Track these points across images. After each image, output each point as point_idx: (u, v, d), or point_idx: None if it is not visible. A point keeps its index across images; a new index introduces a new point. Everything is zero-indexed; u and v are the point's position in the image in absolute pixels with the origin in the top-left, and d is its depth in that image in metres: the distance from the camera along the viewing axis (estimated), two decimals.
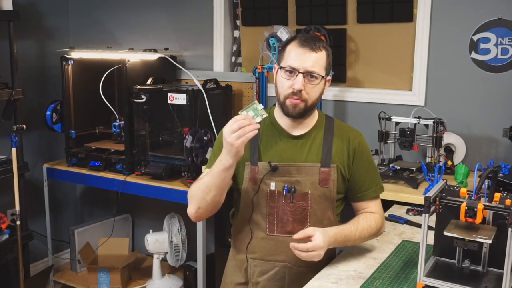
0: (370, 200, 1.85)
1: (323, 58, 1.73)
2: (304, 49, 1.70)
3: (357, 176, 1.82)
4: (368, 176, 1.84)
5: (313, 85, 1.72)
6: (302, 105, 1.73)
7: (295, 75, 1.70)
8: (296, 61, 1.70)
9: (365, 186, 1.84)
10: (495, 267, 1.46)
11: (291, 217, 1.77)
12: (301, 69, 1.69)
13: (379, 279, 1.61)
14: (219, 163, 1.67)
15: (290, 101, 1.73)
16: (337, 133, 1.83)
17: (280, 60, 1.77)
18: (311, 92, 1.73)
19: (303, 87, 1.70)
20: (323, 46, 1.73)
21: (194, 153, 2.80)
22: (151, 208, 3.79)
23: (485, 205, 1.37)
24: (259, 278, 1.82)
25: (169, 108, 3.06)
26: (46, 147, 3.77)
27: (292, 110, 1.73)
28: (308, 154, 1.79)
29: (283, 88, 1.74)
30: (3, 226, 3.08)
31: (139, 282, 3.45)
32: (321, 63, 1.72)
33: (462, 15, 2.74)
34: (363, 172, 1.83)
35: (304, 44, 1.71)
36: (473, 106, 2.77)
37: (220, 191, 1.73)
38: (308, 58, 1.70)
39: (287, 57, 1.73)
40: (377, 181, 1.87)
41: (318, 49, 1.71)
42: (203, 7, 3.45)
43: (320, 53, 1.72)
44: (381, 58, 3.01)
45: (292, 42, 1.75)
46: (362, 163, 1.83)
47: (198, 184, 1.77)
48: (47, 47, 3.76)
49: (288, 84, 1.72)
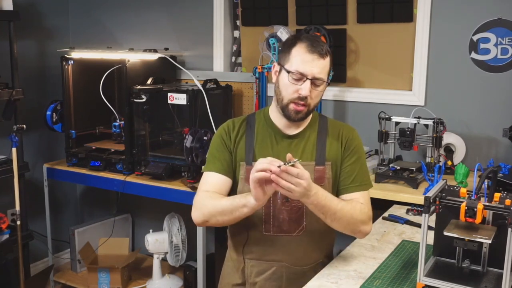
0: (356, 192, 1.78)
1: (329, 64, 1.73)
2: (313, 55, 1.68)
3: (344, 168, 1.79)
4: (355, 169, 1.79)
5: (318, 91, 1.72)
6: (305, 110, 1.73)
7: (303, 81, 1.69)
8: (305, 67, 1.68)
9: (352, 178, 1.78)
10: (495, 267, 1.46)
11: (287, 216, 1.76)
12: (310, 76, 1.68)
13: (379, 279, 1.61)
14: (245, 197, 1.63)
15: (293, 107, 1.72)
16: (331, 130, 1.83)
17: (283, 60, 1.73)
18: (315, 97, 1.73)
19: (309, 93, 1.69)
20: (327, 50, 1.72)
21: (194, 153, 2.80)
22: (151, 208, 3.79)
23: (485, 205, 1.37)
24: (256, 279, 1.82)
25: (169, 108, 3.06)
26: (46, 147, 3.78)
27: (295, 116, 1.73)
28: (303, 153, 1.78)
29: (287, 92, 1.72)
30: (3, 226, 3.08)
31: (139, 282, 3.45)
32: (326, 69, 1.72)
33: (462, 15, 2.74)
34: (352, 164, 1.79)
35: (313, 50, 1.68)
36: (473, 106, 2.77)
37: (235, 219, 1.70)
38: (317, 65, 1.68)
39: (294, 61, 1.70)
40: (365, 176, 1.82)
41: (325, 55, 1.70)
42: (203, 7, 3.45)
43: (327, 59, 1.71)
44: (381, 58, 3.01)
45: (299, 44, 1.71)
46: (351, 155, 1.80)
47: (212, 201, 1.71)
48: (47, 47, 3.76)
49: (293, 88, 1.70)
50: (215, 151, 1.83)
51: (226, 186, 1.79)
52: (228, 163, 1.80)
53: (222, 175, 1.79)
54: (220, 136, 1.84)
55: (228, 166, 1.80)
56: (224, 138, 1.83)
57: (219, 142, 1.83)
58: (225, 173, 1.79)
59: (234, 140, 1.82)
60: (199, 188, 1.80)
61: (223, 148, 1.82)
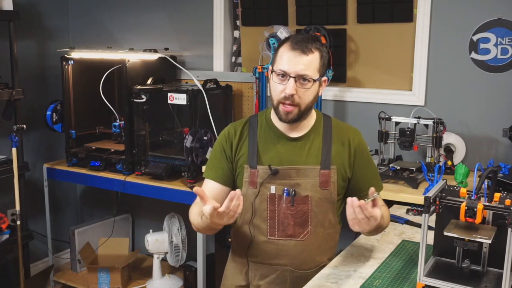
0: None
1: (316, 60, 1.69)
2: (295, 52, 1.66)
3: (359, 175, 1.82)
4: (369, 174, 1.84)
5: (305, 89, 1.68)
6: (295, 111, 1.70)
7: (287, 79, 1.67)
8: (288, 64, 1.66)
9: (368, 184, 1.80)
10: (495, 267, 1.46)
11: (292, 220, 1.76)
12: (292, 73, 1.66)
13: (379, 279, 1.61)
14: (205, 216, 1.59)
15: (282, 108, 1.70)
16: (336, 133, 1.82)
17: (273, 62, 1.74)
18: (304, 96, 1.69)
19: (295, 92, 1.66)
20: (315, 47, 1.68)
21: (194, 153, 2.81)
22: (151, 208, 3.79)
23: (485, 205, 1.37)
24: (260, 282, 1.82)
25: (169, 108, 3.06)
26: (46, 147, 3.78)
27: (285, 117, 1.72)
28: (308, 156, 1.78)
29: (275, 92, 1.71)
30: (3, 226, 3.08)
31: (139, 282, 3.46)
32: (313, 66, 1.68)
33: (462, 15, 2.74)
34: (365, 170, 1.83)
35: (295, 47, 1.66)
36: (473, 106, 2.77)
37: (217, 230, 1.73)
38: (300, 62, 1.65)
39: (279, 61, 1.69)
40: (377, 178, 1.89)
41: (310, 51, 1.67)
42: (203, 7, 3.45)
43: (312, 56, 1.67)
44: (381, 58, 3.01)
45: (284, 44, 1.71)
46: (363, 161, 1.83)
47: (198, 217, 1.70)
48: (47, 47, 3.76)
49: (280, 88, 1.69)
50: (214, 158, 1.85)
51: (222, 194, 1.77)
52: (224, 171, 1.81)
53: (218, 183, 1.81)
54: (221, 144, 1.84)
55: (224, 174, 1.81)
56: (224, 146, 1.83)
57: (219, 150, 1.84)
58: (221, 181, 1.81)
59: (236, 146, 1.82)
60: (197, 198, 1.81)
61: (221, 157, 1.83)
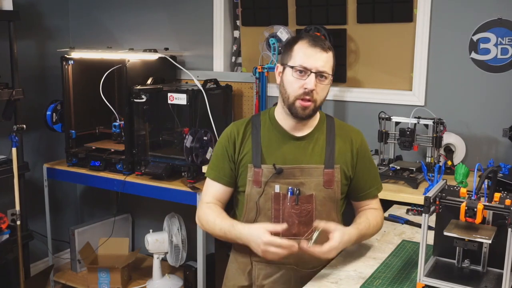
0: (372, 198, 1.87)
1: (331, 58, 1.74)
2: (315, 49, 1.70)
3: (360, 176, 1.84)
4: (370, 175, 1.86)
5: (323, 85, 1.73)
6: (311, 107, 1.73)
7: (307, 75, 1.69)
8: (308, 60, 1.69)
9: (368, 185, 1.86)
10: (495, 267, 1.46)
11: (296, 219, 1.76)
12: (313, 69, 1.69)
13: (379, 279, 1.61)
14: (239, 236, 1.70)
15: (300, 103, 1.72)
16: (339, 133, 1.84)
17: (286, 59, 1.74)
18: (321, 92, 1.73)
19: (315, 87, 1.70)
20: (330, 46, 1.74)
21: (194, 153, 2.81)
22: (151, 208, 3.79)
23: (485, 205, 1.37)
24: (264, 281, 1.81)
25: (169, 108, 3.06)
26: (46, 147, 3.77)
27: (302, 113, 1.73)
28: (312, 156, 1.79)
29: (292, 88, 1.72)
30: (3, 226, 3.07)
31: (139, 282, 3.45)
32: (330, 63, 1.73)
33: (462, 15, 2.74)
34: (366, 171, 1.85)
35: (315, 44, 1.71)
36: (473, 106, 2.77)
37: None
38: (320, 58, 1.70)
39: (297, 56, 1.71)
40: (377, 179, 1.91)
41: (328, 49, 1.73)
42: (203, 7, 3.45)
43: (329, 53, 1.73)
44: (381, 58, 3.01)
45: (300, 41, 1.73)
46: (365, 162, 1.85)
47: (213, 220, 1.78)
48: (47, 47, 3.76)
49: (298, 84, 1.70)
50: (216, 159, 1.86)
51: (226, 195, 1.86)
52: (226, 172, 1.83)
53: (221, 184, 1.84)
54: (223, 144, 1.85)
55: (226, 175, 1.83)
56: (226, 147, 1.84)
57: (221, 150, 1.85)
58: (224, 182, 1.83)
59: (239, 147, 1.82)
60: (202, 197, 1.88)
61: (223, 157, 1.83)
